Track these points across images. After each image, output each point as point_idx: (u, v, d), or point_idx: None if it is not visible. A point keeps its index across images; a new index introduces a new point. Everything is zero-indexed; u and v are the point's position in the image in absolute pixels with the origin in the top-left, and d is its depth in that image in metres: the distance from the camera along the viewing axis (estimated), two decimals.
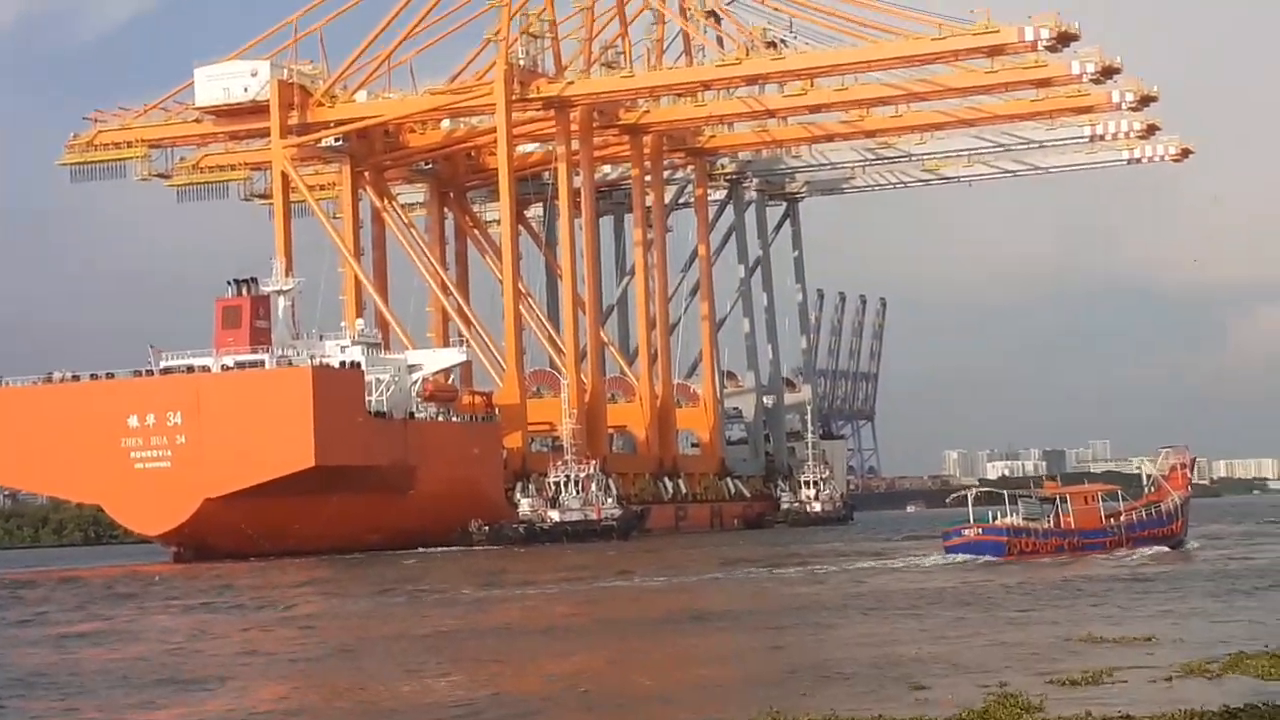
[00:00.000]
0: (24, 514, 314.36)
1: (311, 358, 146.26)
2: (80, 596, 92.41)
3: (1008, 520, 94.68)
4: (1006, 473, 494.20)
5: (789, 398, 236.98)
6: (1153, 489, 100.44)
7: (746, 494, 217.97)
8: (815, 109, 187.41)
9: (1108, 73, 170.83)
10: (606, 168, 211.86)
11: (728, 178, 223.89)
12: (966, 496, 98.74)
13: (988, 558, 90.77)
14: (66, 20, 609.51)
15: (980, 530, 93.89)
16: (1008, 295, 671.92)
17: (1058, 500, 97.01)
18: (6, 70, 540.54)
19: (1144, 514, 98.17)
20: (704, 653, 49.91)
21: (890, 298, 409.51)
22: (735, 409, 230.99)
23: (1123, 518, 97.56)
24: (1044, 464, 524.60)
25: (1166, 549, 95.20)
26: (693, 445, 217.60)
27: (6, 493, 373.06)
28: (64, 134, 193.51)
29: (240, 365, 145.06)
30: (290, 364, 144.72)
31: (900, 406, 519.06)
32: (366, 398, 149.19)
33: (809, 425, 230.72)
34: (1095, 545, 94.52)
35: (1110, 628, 49.57)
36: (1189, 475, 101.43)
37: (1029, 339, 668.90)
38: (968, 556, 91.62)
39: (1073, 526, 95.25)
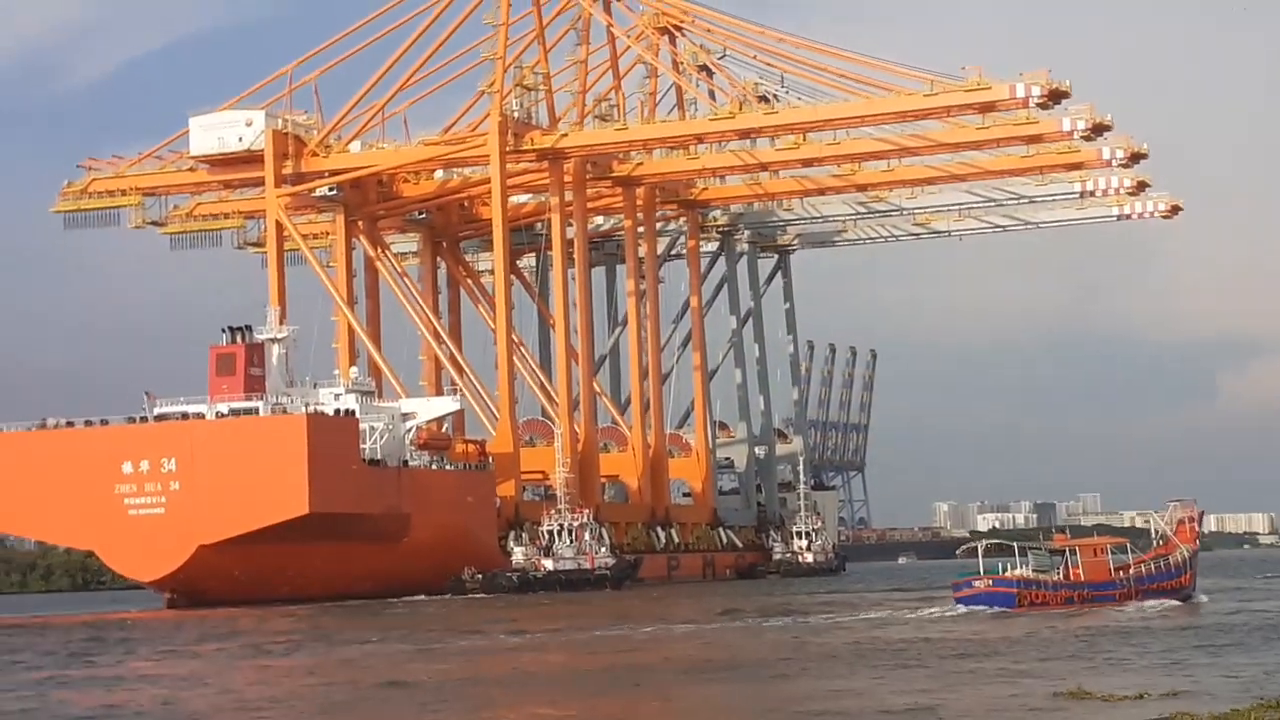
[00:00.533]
0: (11, 559, 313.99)
1: (306, 405, 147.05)
2: (70, 643, 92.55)
3: (1018, 572, 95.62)
4: (997, 524, 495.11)
5: (781, 448, 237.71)
6: (1161, 542, 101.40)
7: (739, 544, 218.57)
8: (808, 163, 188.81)
9: (1098, 130, 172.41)
10: (599, 219, 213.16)
11: (720, 230, 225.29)
12: (977, 548, 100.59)
13: (998, 608, 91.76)
14: (58, 67, 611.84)
15: (991, 582, 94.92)
16: (998, 348, 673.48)
17: (1067, 553, 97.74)
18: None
19: (1153, 567, 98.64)
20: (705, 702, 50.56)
21: (881, 350, 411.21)
22: (727, 459, 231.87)
23: (1132, 570, 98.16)
24: (1034, 517, 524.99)
25: (1175, 602, 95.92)
26: (684, 495, 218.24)
27: None
28: (56, 180, 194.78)
29: (235, 413, 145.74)
30: (285, 411, 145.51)
31: (891, 458, 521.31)
32: (361, 446, 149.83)
33: (801, 476, 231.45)
34: (1105, 597, 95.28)
35: (1101, 681, 50.00)
36: (1197, 529, 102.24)
37: (1019, 392, 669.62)
38: (978, 608, 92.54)
39: (1082, 579, 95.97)
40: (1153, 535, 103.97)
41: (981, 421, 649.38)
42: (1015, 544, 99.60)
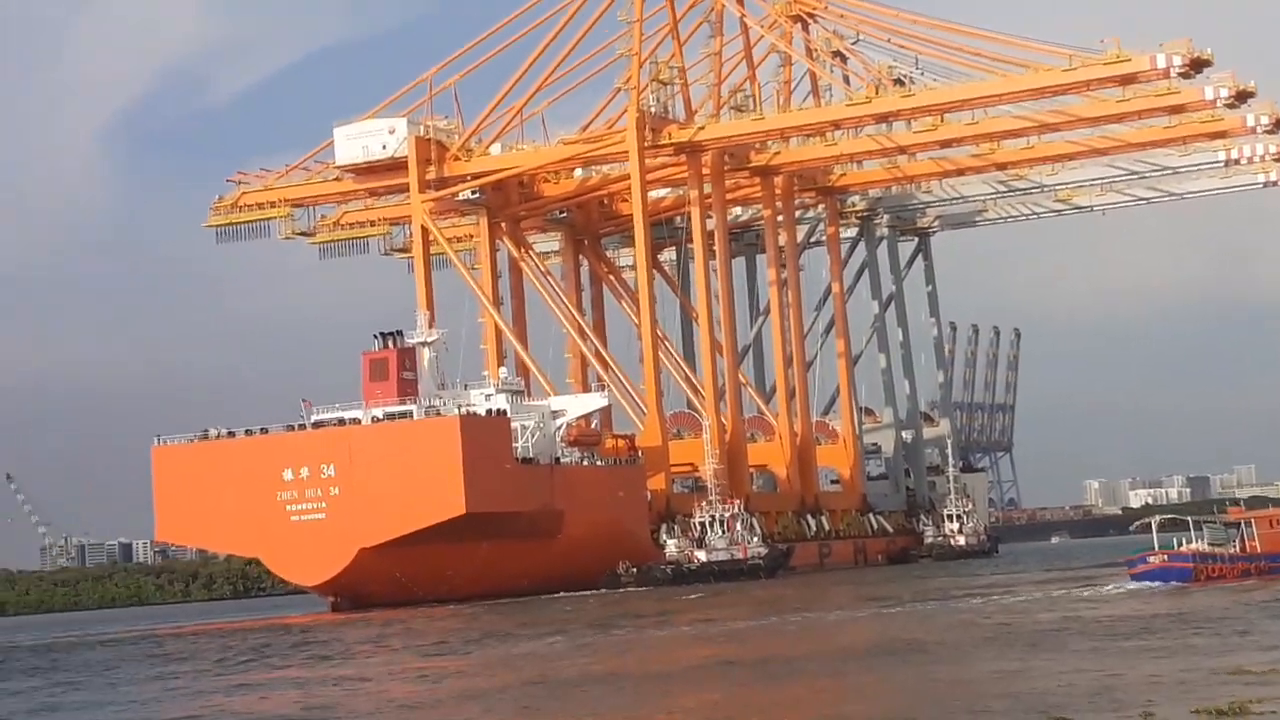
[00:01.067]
0: (174, 569, 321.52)
1: (459, 407, 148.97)
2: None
3: (1193, 546, 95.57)
4: (1150, 500, 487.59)
5: (927, 432, 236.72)
6: None
7: (889, 529, 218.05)
8: (946, 144, 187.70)
9: (1242, 97, 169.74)
10: (737, 209, 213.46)
11: (859, 215, 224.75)
12: (1151, 523, 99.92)
13: (1174, 583, 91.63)
14: (200, 86, 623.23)
15: (1166, 557, 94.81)
16: (1144, 321, 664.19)
17: (1243, 525, 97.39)
18: (149, 134, 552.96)
19: None
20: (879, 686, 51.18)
21: (1024, 328, 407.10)
22: (874, 444, 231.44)
23: None
24: (1188, 491, 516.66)
25: None
26: (832, 482, 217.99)
27: (157, 549, 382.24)
28: (205, 196, 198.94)
29: (389, 416, 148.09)
30: (438, 413, 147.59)
31: (1038, 437, 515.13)
32: (513, 444, 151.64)
33: (949, 459, 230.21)
34: None
35: (1264, 657, 49.59)
36: None
37: (1167, 364, 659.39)
38: (1155, 584, 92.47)
39: (1258, 550, 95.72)
40: None
41: (1130, 397, 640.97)
42: (1190, 517, 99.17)
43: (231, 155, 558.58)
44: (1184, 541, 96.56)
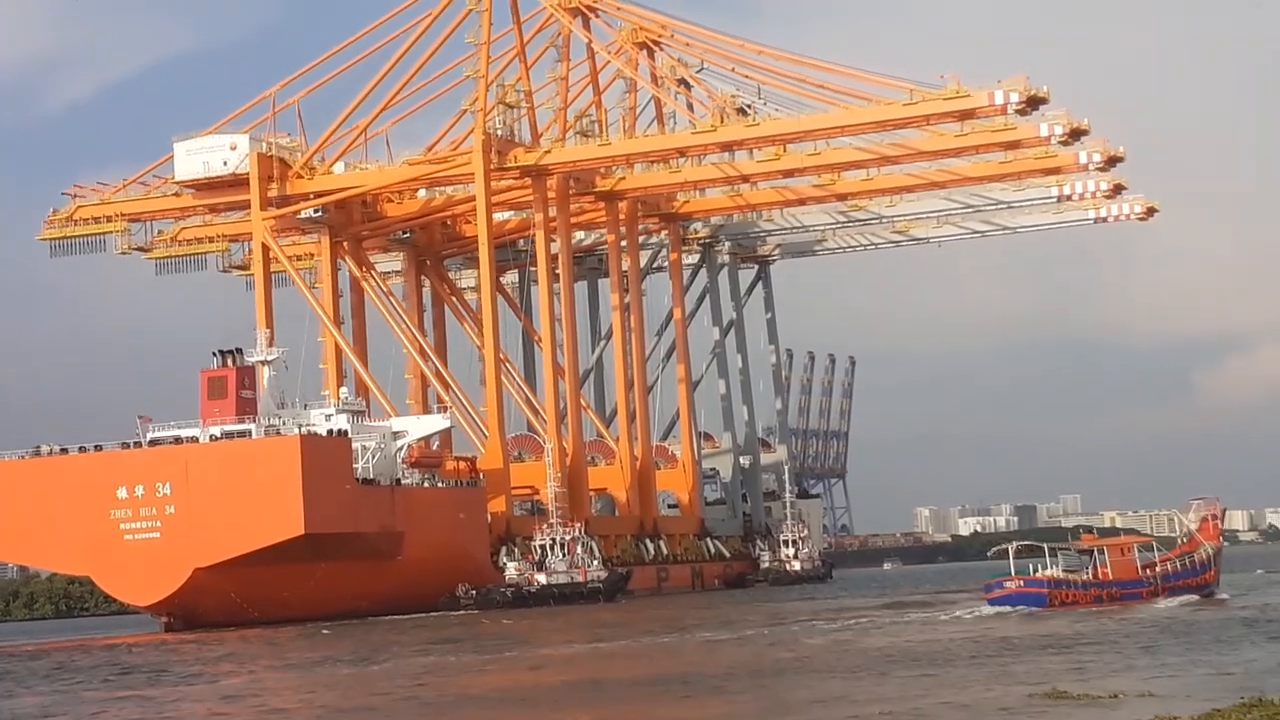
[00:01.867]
0: None
1: (299, 427, 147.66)
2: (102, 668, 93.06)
3: (1048, 573, 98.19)
4: (979, 528, 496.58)
5: (764, 458, 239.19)
6: (1185, 540, 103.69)
7: (726, 554, 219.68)
8: (788, 173, 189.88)
9: (1075, 134, 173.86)
10: (580, 233, 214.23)
11: (701, 242, 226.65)
12: (1008, 549, 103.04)
13: (1030, 609, 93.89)
14: (33, 93, 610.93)
15: (1022, 583, 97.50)
16: (975, 352, 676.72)
17: (1095, 552, 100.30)
18: None
19: (1178, 564, 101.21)
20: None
21: (860, 356, 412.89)
22: (712, 469, 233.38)
23: (1158, 568, 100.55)
24: (1015, 519, 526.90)
25: (1198, 598, 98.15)
26: (669, 506, 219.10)
27: None
28: (36, 207, 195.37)
29: (228, 435, 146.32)
30: (278, 433, 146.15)
31: (871, 464, 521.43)
32: (354, 465, 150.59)
33: (786, 485, 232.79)
34: (1133, 595, 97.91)
35: (1079, 683, 50.86)
36: (1220, 526, 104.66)
37: (997, 395, 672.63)
38: (1010, 608, 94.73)
39: (1110, 577, 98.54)
40: (1177, 533, 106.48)
41: (960, 425, 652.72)
42: (1045, 545, 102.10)
43: (63, 168, 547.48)
44: (1039, 568, 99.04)
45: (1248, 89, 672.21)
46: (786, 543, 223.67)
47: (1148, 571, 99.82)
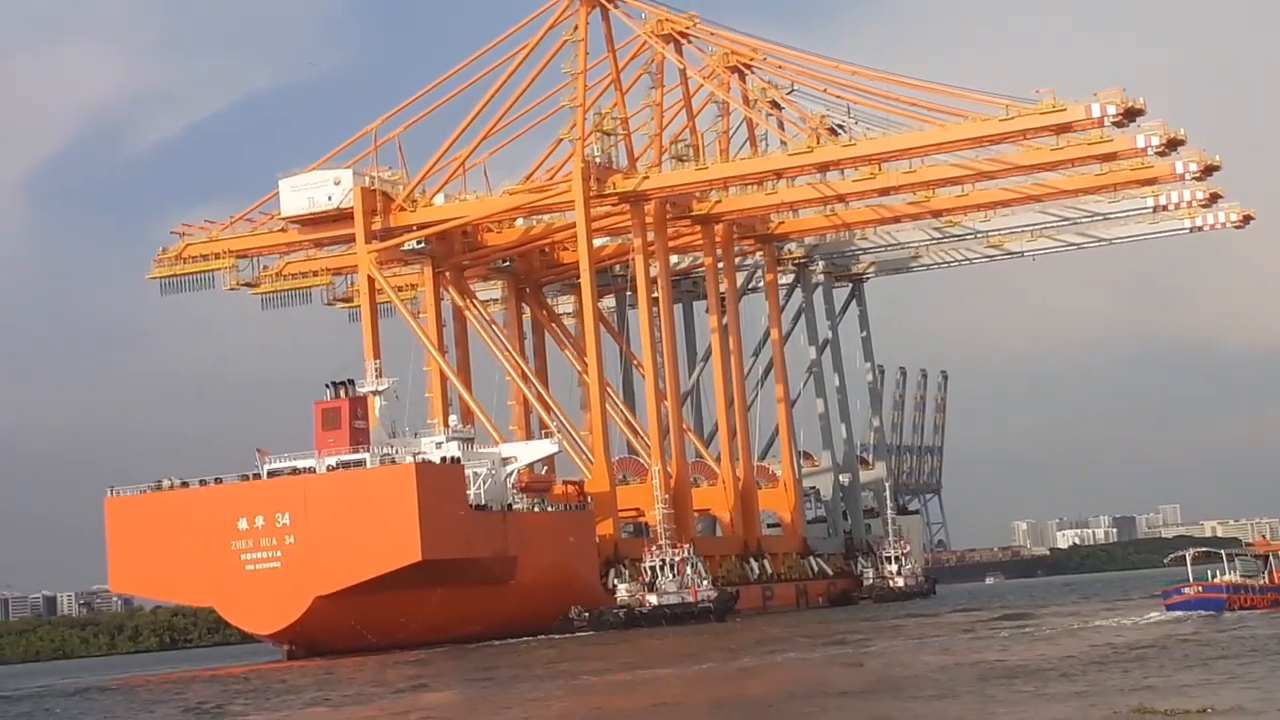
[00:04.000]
0: (99, 622, 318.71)
1: (413, 455, 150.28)
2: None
3: (1226, 578, 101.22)
4: (1077, 541, 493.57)
5: (863, 475, 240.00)
6: None
7: (829, 572, 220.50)
8: (883, 192, 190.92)
9: (1172, 145, 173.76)
10: (675, 257, 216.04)
11: (795, 262, 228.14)
12: (1185, 556, 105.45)
13: (1209, 613, 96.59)
14: (124, 134, 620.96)
15: (1201, 588, 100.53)
16: (1069, 363, 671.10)
17: (1271, 557, 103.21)
18: (68, 187, 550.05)
19: None
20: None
21: (953, 371, 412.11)
22: (812, 488, 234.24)
23: None
24: (1114, 531, 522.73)
25: None
26: (769, 526, 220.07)
27: (83, 601, 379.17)
28: (136, 244, 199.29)
29: (343, 465, 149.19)
30: (392, 461, 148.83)
31: (966, 478, 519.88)
32: (466, 491, 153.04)
33: (887, 501, 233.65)
34: None
35: (1174, 698, 51.63)
36: None
37: (1091, 406, 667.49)
38: (1190, 613, 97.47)
39: None
40: None
41: (1056, 437, 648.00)
42: (1223, 550, 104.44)
43: (156, 206, 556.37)
44: (1217, 574, 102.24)
45: None
46: (889, 559, 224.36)
47: None
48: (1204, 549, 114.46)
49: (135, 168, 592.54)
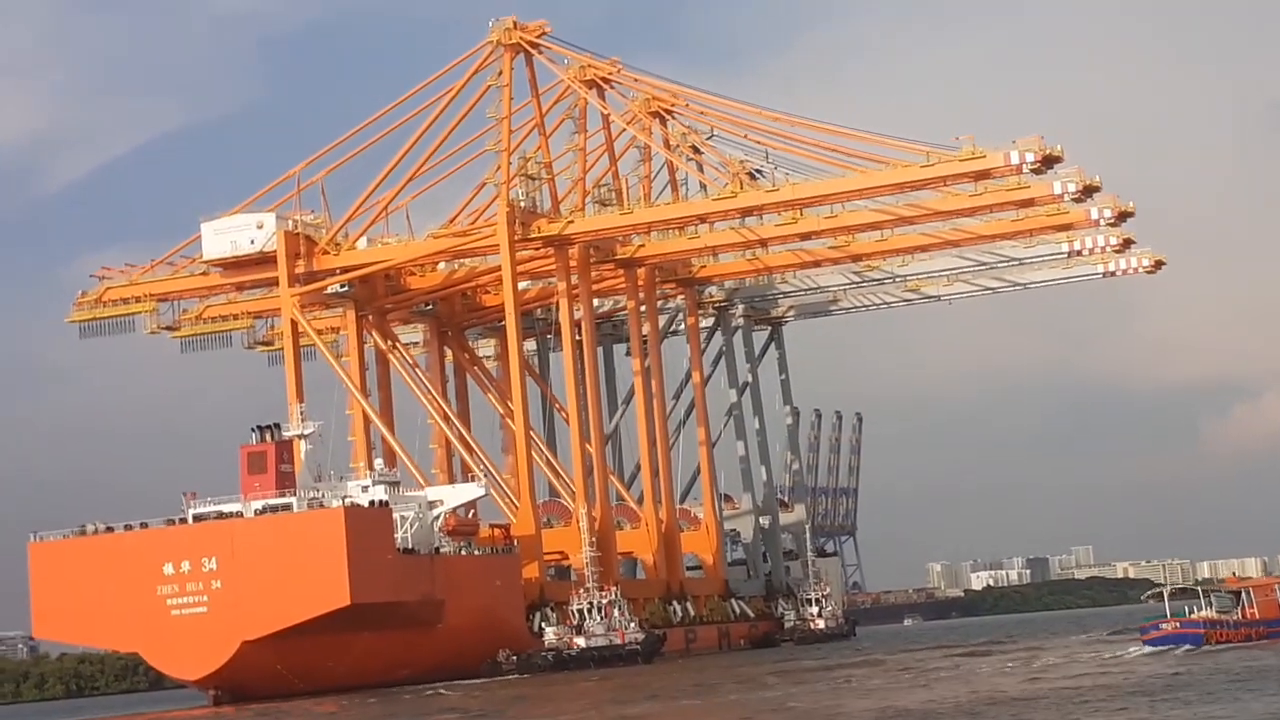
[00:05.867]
0: (4, 669, 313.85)
1: (340, 499, 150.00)
2: None
3: (1203, 614, 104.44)
4: (991, 582, 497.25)
5: (783, 517, 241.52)
6: None
7: (750, 614, 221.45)
8: (805, 236, 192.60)
9: (1088, 191, 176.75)
10: (597, 300, 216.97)
11: (716, 305, 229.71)
12: (1163, 593, 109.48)
13: (1187, 647, 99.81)
14: (30, 176, 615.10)
15: (1179, 624, 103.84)
16: (983, 405, 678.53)
17: (1243, 593, 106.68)
18: None
19: None
20: None
21: (870, 413, 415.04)
22: (732, 530, 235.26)
23: None
24: (1028, 572, 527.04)
25: None
26: (690, 568, 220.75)
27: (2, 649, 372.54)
28: (37, 288, 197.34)
29: (270, 509, 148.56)
30: (320, 505, 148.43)
31: (881, 520, 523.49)
32: (394, 535, 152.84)
33: (807, 544, 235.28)
34: (1278, 633, 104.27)
35: None
36: None
37: (1005, 448, 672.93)
38: (1168, 647, 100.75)
39: (1257, 616, 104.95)
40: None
41: (970, 479, 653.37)
42: (1200, 587, 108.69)
43: (64, 247, 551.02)
44: (1194, 609, 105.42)
45: (1249, 138, 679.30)
46: (810, 601, 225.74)
47: None
48: (1180, 586, 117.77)
49: (41, 210, 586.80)
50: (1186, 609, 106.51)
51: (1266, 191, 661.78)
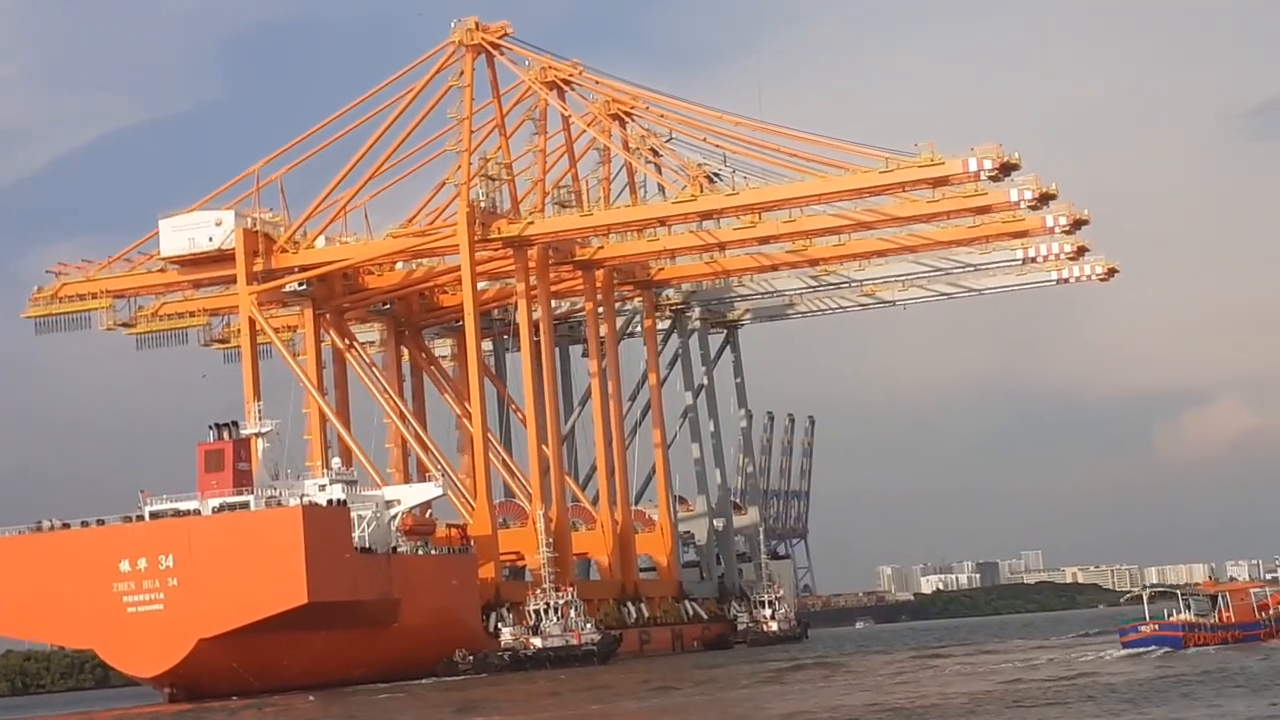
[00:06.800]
0: None
1: (298, 497, 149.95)
2: None
3: (1182, 616, 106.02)
4: (940, 586, 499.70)
5: (736, 520, 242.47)
6: None
7: (704, 616, 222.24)
8: (762, 240, 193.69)
9: (1044, 199, 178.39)
10: (555, 301, 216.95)
11: (673, 308, 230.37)
12: (1142, 595, 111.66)
13: (1166, 649, 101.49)
14: None
15: (1157, 626, 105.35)
16: (935, 409, 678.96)
17: (1219, 597, 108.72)
18: None
19: None
20: None
21: (822, 417, 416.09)
22: (687, 532, 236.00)
23: (1271, 611, 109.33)
24: (977, 576, 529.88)
25: None
26: (643, 569, 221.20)
27: None
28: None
29: (227, 507, 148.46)
30: (278, 504, 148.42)
31: (832, 523, 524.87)
32: (352, 534, 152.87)
33: (761, 546, 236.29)
34: (1252, 636, 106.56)
35: None
36: None
37: (957, 453, 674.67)
38: (1146, 649, 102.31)
39: (1233, 620, 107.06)
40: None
41: (921, 483, 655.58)
42: (1178, 590, 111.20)
43: (12, 241, 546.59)
44: (1172, 612, 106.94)
45: (1202, 147, 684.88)
46: (763, 604, 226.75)
47: (1263, 614, 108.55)
48: (1159, 588, 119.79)
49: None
50: (1165, 612, 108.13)
51: (1219, 200, 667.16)
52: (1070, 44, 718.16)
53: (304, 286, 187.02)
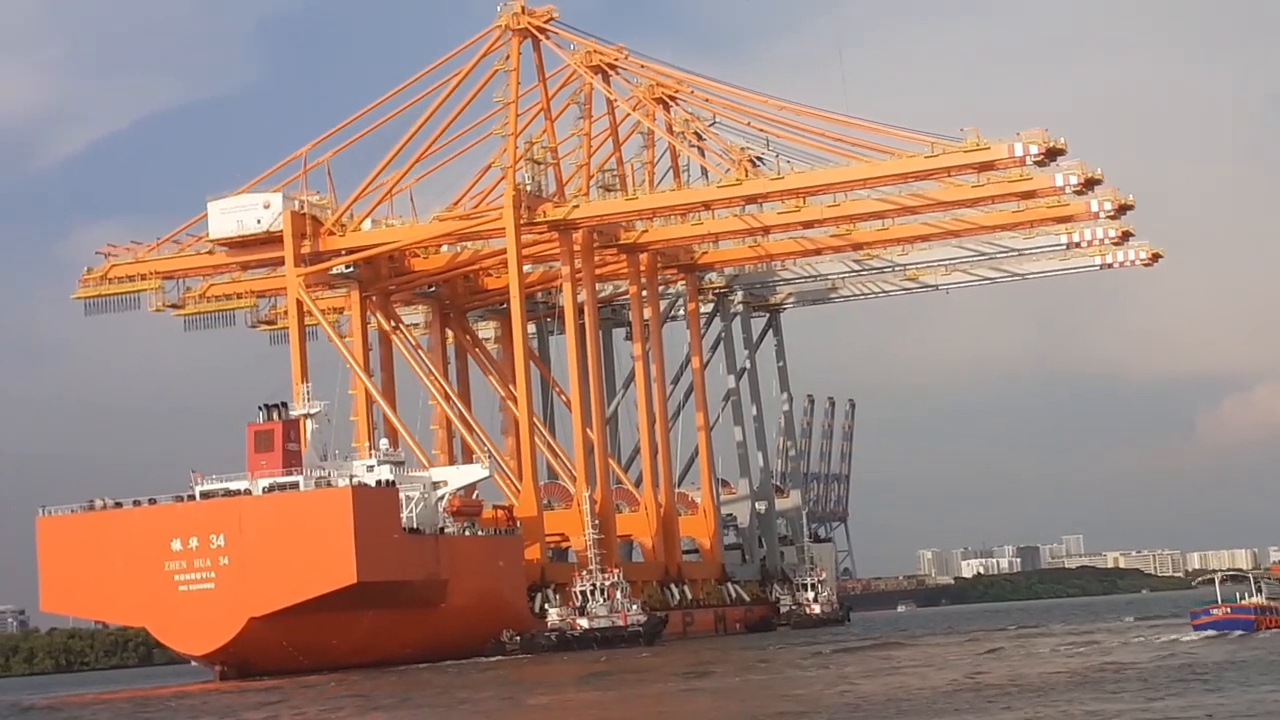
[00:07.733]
0: None
1: (348, 478, 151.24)
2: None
3: (1255, 600, 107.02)
4: (981, 570, 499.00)
5: (779, 503, 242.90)
6: None
7: (746, 598, 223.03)
8: (806, 224, 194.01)
9: (1089, 184, 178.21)
10: (598, 285, 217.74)
11: (716, 291, 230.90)
12: (1214, 579, 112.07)
13: (1239, 632, 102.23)
14: (26, 151, 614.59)
15: (1229, 609, 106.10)
16: (977, 394, 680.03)
17: None
18: None
19: None
20: None
21: (864, 400, 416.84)
22: (729, 515, 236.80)
23: None
24: (1018, 561, 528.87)
25: None
26: (686, 552, 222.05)
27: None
28: (33, 261, 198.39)
29: (278, 487, 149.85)
30: (327, 484, 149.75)
31: (873, 507, 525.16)
32: (400, 515, 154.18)
33: (803, 529, 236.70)
34: None
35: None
36: None
37: (998, 437, 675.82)
38: (1217, 632, 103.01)
39: None
40: None
41: (962, 467, 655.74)
42: (1251, 574, 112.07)
43: (61, 221, 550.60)
44: (1244, 595, 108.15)
45: (1248, 132, 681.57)
46: (805, 586, 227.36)
47: None
48: (1232, 572, 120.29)
49: (38, 185, 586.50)
50: (1237, 595, 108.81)
51: (1264, 187, 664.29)
52: (1116, 28, 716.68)
53: (350, 269, 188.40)
